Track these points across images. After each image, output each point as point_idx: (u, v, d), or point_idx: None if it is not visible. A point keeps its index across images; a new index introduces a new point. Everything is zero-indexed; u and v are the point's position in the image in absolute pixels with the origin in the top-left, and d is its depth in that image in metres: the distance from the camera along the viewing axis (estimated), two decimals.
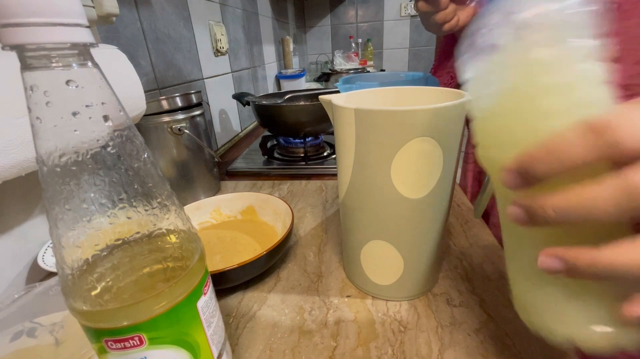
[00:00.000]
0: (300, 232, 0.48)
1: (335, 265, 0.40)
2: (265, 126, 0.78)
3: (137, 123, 0.48)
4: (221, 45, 0.92)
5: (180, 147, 0.54)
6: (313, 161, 0.74)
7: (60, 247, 0.16)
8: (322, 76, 1.89)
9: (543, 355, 0.27)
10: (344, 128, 0.29)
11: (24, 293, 0.30)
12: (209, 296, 0.21)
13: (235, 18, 1.06)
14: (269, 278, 0.39)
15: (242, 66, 1.11)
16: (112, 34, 0.55)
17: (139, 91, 0.44)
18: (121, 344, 0.17)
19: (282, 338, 0.31)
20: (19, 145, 0.29)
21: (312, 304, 0.35)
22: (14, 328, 0.27)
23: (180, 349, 0.19)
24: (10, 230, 0.38)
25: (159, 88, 0.67)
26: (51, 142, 0.15)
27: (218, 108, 0.93)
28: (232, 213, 0.49)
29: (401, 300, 0.34)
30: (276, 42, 1.54)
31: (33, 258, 0.39)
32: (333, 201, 0.56)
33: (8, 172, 0.29)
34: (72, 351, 0.26)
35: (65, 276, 0.16)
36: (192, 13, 0.80)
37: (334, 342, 0.30)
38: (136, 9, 0.60)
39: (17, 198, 0.38)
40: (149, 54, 0.64)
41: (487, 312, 0.32)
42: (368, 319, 0.32)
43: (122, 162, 0.16)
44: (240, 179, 0.69)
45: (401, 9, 2.12)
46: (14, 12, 0.13)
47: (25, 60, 0.14)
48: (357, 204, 0.32)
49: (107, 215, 0.16)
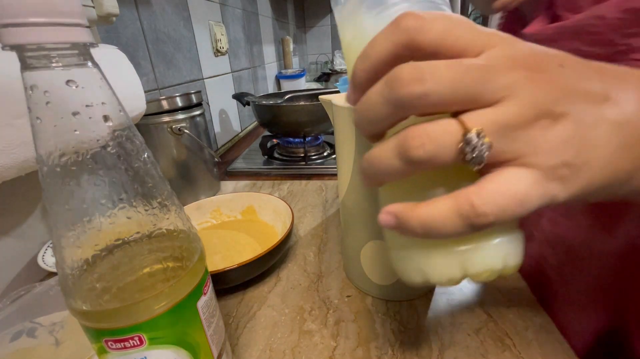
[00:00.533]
0: (300, 232, 0.48)
1: (335, 265, 0.40)
2: (265, 126, 0.78)
3: (137, 123, 0.48)
4: (221, 45, 0.92)
5: (180, 147, 0.54)
6: (313, 161, 0.74)
7: (60, 247, 0.16)
8: (322, 76, 1.89)
9: (543, 355, 0.27)
10: (344, 128, 0.29)
11: (24, 293, 0.30)
12: (209, 296, 0.21)
13: (235, 18, 1.06)
14: (269, 278, 0.39)
15: (242, 66, 1.11)
16: (112, 34, 0.55)
17: (139, 91, 0.44)
18: (121, 344, 0.17)
19: (282, 338, 0.31)
20: (19, 145, 0.29)
21: (312, 304, 0.34)
22: (14, 328, 0.27)
23: (180, 349, 0.19)
24: (10, 230, 0.38)
25: (159, 88, 0.67)
26: (51, 142, 0.15)
27: (218, 108, 0.93)
28: (232, 213, 0.49)
29: (401, 300, 0.34)
30: (276, 42, 1.54)
31: (33, 258, 0.39)
32: (333, 201, 0.56)
33: (8, 172, 0.29)
34: (72, 351, 0.26)
35: (65, 276, 0.16)
36: (192, 13, 0.80)
37: (334, 342, 0.30)
38: (136, 9, 0.60)
39: (17, 198, 0.38)
40: (149, 54, 0.64)
41: (487, 312, 0.32)
42: (368, 319, 0.32)
43: (122, 162, 0.16)
44: (240, 179, 0.69)
45: None
46: (14, 12, 0.13)
47: (25, 60, 0.14)
48: (357, 204, 0.31)
49: (107, 215, 0.16)
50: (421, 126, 0.14)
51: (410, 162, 0.14)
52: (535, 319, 0.31)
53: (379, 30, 0.16)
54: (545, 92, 0.14)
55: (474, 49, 0.14)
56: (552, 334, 0.29)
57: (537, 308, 0.32)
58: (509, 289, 0.35)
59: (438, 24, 0.14)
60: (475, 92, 0.14)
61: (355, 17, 0.19)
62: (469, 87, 0.14)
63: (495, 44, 0.14)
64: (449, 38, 0.14)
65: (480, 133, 0.13)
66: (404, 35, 0.14)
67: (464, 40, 0.14)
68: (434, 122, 0.14)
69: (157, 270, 0.18)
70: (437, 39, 0.14)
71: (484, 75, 0.14)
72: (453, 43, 0.14)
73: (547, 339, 0.29)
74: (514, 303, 0.33)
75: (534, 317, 0.31)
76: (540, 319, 0.31)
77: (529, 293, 0.34)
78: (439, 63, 0.14)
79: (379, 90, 0.15)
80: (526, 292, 0.34)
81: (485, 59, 0.14)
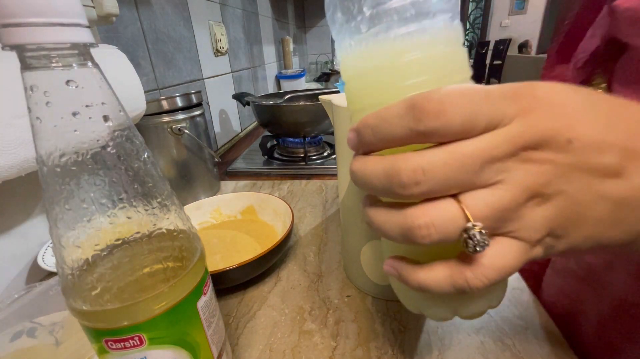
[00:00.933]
0: (300, 232, 0.48)
1: (335, 265, 0.40)
2: (265, 126, 0.78)
3: (137, 123, 0.48)
4: (221, 45, 0.92)
5: (180, 147, 0.54)
6: (313, 161, 0.74)
7: (60, 247, 0.16)
8: (322, 76, 1.89)
9: (543, 355, 0.27)
10: (344, 128, 0.29)
11: (24, 293, 0.30)
12: (209, 296, 0.21)
13: (235, 18, 1.06)
14: (269, 278, 0.39)
15: (242, 66, 1.11)
16: (112, 34, 0.55)
17: (139, 91, 0.44)
18: (121, 344, 0.17)
19: (282, 338, 0.31)
20: (19, 145, 0.29)
21: (312, 304, 0.35)
22: (14, 328, 0.27)
23: (180, 349, 0.19)
24: (10, 230, 0.38)
25: (159, 88, 0.67)
26: (51, 142, 0.15)
27: (218, 108, 0.93)
28: (232, 213, 0.49)
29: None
30: (276, 42, 1.54)
31: (33, 258, 0.39)
32: (333, 201, 0.56)
33: (8, 172, 0.29)
34: (72, 351, 0.26)
35: (65, 276, 0.16)
36: (192, 13, 0.80)
37: (334, 342, 0.30)
38: (136, 9, 0.60)
39: (17, 198, 0.38)
40: (149, 54, 0.64)
41: (487, 312, 0.32)
42: (368, 319, 0.32)
43: (122, 162, 0.16)
44: (240, 179, 0.69)
45: None
46: (14, 12, 0.13)
47: (25, 60, 0.14)
48: (357, 204, 0.31)
49: (107, 215, 0.16)
50: (425, 210, 0.15)
51: (413, 241, 0.15)
52: (535, 319, 0.31)
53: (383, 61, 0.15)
54: (539, 175, 0.14)
55: (488, 126, 0.14)
56: (552, 334, 0.29)
57: (537, 307, 0.32)
58: (509, 289, 0.34)
59: (458, 112, 0.14)
60: (470, 182, 0.14)
61: (360, 44, 0.17)
62: (464, 180, 0.14)
63: (511, 118, 0.14)
64: (466, 125, 0.14)
65: (482, 230, 0.14)
66: (421, 125, 0.14)
67: (482, 123, 0.14)
68: (437, 207, 0.15)
69: (157, 270, 0.18)
70: (456, 129, 0.14)
71: (481, 165, 0.14)
72: (470, 129, 0.14)
73: (547, 339, 0.29)
74: (514, 303, 0.33)
75: (534, 317, 0.31)
76: (540, 319, 0.31)
77: (529, 293, 0.34)
78: (438, 160, 0.14)
79: (379, 175, 0.15)
80: (526, 292, 0.34)
81: (488, 143, 0.14)
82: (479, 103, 0.14)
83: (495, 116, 0.14)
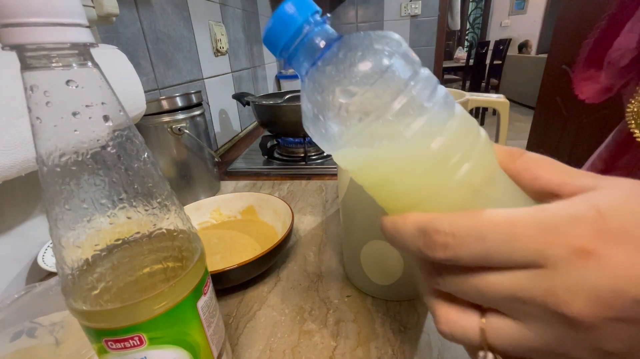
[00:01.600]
0: (300, 232, 0.48)
1: (335, 265, 0.40)
2: (265, 126, 0.78)
3: (137, 123, 0.48)
4: (221, 45, 0.92)
5: (180, 147, 0.54)
6: (313, 161, 0.74)
7: (60, 247, 0.16)
8: None
9: None
10: None
11: (24, 293, 0.30)
12: (209, 296, 0.21)
13: (235, 18, 1.06)
14: (269, 278, 0.39)
15: (242, 66, 1.11)
16: (112, 34, 0.55)
17: (139, 91, 0.44)
18: (121, 344, 0.17)
19: (282, 338, 0.31)
20: (19, 145, 0.29)
21: (312, 304, 0.35)
22: (14, 328, 0.27)
23: (180, 349, 0.19)
24: (10, 230, 0.38)
25: (159, 88, 0.67)
26: (51, 142, 0.15)
27: (218, 108, 0.93)
28: (232, 213, 0.49)
29: (401, 300, 0.34)
30: None
31: (33, 258, 0.39)
32: (333, 201, 0.56)
33: (8, 172, 0.29)
34: (72, 351, 0.26)
35: (65, 276, 0.16)
36: (192, 13, 0.80)
37: (334, 342, 0.30)
38: (136, 9, 0.60)
39: (17, 198, 0.38)
40: (149, 54, 0.64)
41: None
42: (368, 320, 0.32)
43: (122, 162, 0.16)
44: (240, 179, 0.69)
45: (401, 9, 2.12)
46: (14, 12, 0.13)
47: (25, 60, 0.14)
48: (357, 204, 0.31)
49: (107, 215, 0.16)
50: (449, 317, 0.15)
51: None
52: None
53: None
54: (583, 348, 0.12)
55: (517, 265, 0.13)
56: None
57: None
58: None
59: (465, 252, 0.13)
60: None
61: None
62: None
63: (555, 262, 0.12)
64: (480, 262, 0.13)
65: (496, 357, 0.14)
66: (429, 254, 0.14)
67: (497, 263, 0.13)
68: (461, 318, 0.15)
69: (157, 270, 0.18)
70: (466, 262, 0.13)
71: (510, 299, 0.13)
72: (487, 264, 0.13)
73: None
74: None
75: None
76: None
77: None
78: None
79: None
80: None
81: (511, 283, 0.13)
82: (494, 242, 0.13)
83: (521, 260, 0.12)
